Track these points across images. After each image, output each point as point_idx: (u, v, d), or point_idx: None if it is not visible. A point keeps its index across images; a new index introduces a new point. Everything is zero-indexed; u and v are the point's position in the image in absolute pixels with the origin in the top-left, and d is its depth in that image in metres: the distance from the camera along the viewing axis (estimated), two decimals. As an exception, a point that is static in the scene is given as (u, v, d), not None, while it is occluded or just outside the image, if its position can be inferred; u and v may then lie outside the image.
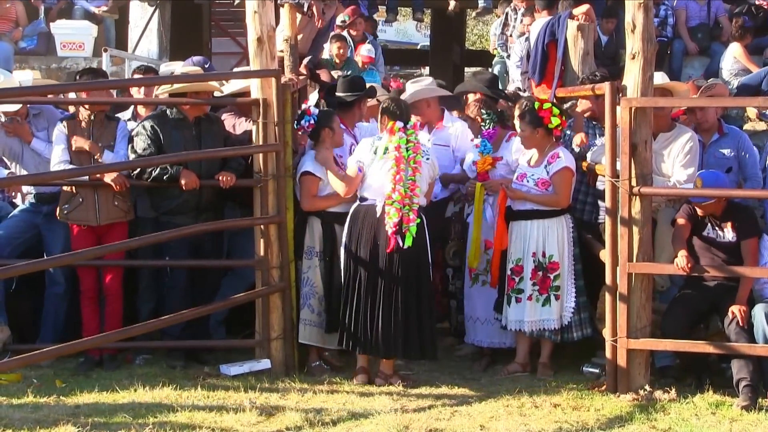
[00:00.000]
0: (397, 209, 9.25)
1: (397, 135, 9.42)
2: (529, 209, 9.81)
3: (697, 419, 8.46)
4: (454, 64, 25.22)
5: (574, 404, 8.85)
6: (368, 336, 9.40)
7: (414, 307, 9.38)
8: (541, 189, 9.74)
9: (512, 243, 9.88)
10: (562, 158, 9.76)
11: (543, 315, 9.79)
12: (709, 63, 16.38)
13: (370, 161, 9.50)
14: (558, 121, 9.72)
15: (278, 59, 10.14)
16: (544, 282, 9.76)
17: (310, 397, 9.02)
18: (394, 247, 9.27)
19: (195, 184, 9.67)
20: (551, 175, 9.73)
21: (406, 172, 9.32)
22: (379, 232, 9.37)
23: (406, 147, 9.37)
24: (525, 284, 9.81)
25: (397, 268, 9.35)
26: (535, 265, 9.77)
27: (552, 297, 9.77)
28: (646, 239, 9.09)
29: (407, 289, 9.38)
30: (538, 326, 9.82)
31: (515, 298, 9.85)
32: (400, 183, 9.28)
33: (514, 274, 9.86)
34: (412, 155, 9.36)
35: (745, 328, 8.89)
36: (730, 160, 9.93)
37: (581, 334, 9.93)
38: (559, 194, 9.75)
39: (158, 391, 9.01)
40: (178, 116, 9.96)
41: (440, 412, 8.62)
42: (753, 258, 9.10)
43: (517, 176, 9.95)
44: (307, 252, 9.86)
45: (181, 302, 9.73)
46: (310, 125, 9.85)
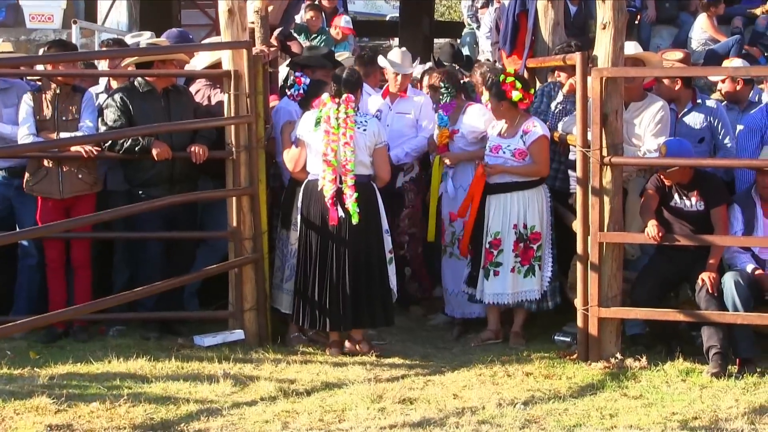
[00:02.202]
0: (330, 181, 9.20)
1: (327, 106, 9.34)
2: (508, 182, 9.83)
3: (667, 386, 8.54)
4: (423, 36, 25.11)
5: (546, 373, 8.92)
6: (320, 310, 9.40)
7: (364, 278, 9.38)
8: (519, 159, 9.77)
9: (491, 217, 9.92)
10: (538, 127, 9.81)
11: (525, 286, 9.87)
12: (677, 33, 16.46)
13: (308, 133, 9.45)
14: (520, 95, 9.71)
15: (249, 31, 10.11)
16: (527, 253, 9.83)
17: (284, 367, 9.05)
18: (336, 220, 9.22)
19: (167, 155, 9.64)
20: (528, 145, 9.75)
21: (337, 144, 9.22)
22: (323, 207, 9.32)
23: (336, 118, 9.26)
24: (505, 257, 9.85)
25: (346, 240, 9.31)
26: (517, 236, 9.82)
27: (535, 267, 9.84)
28: (617, 209, 9.14)
29: (356, 260, 9.34)
30: (520, 297, 9.89)
31: (493, 272, 9.88)
32: (331, 155, 9.20)
33: (492, 248, 9.89)
34: (343, 128, 9.23)
35: (715, 295, 8.96)
36: (702, 130, 9.95)
37: (554, 303, 10.03)
38: (539, 163, 9.79)
39: (132, 362, 9.00)
40: (147, 88, 9.93)
41: (413, 382, 8.68)
42: (723, 226, 9.17)
43: (490, 148, 9.97)
44: (294, 223, 9.79)
45: (155, 274, 9.71)
46: (299, 94, 9.89)
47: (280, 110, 10.30)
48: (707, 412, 7.88)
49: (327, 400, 8.12)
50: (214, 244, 10.48)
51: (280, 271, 9.97)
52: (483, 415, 7.77)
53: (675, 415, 7.81)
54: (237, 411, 7.85)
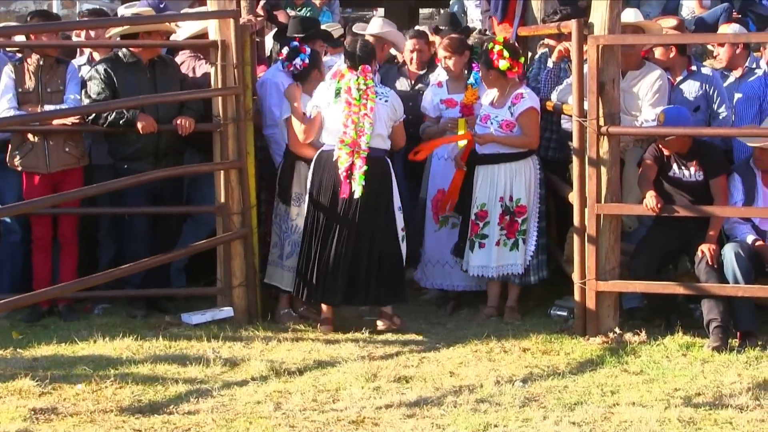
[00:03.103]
0: (348, 153, 9.04)
1: (346, 77, 9.20)
2: (495, 153, 9.61)
3: (668, 361, 8.39)
4: (409, 5, 25.01)
5: (544, 348, 8.74)
6: (327, 284, 9.21)
7: (371, 254, 9.21)
8: (505, 131, 9.55)
9: (477, 187, 9.71)
10: (527, 98, 9.58)
11: (509, 260, 9.67)
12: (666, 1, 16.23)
13: (326, 105, 9.27)
14: (507, 64, 9.46)
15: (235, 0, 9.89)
16: (512, 226, 9.62)
17: (275, 345, 8.85)
18: (347, 193, 9.06)
19: (152, 128, 9.41)
20: (516, 116, 9.53)
21: (358, 116, 9.07)
22: (335, 179, 9.15)
23: (357, 89, 9.12)
24: (491, 229, 9.65)
25: (354, 214, 9.14)
26: (503, 209, 9.62)
27: (520, 241, 9.64)
28: (614, 180, 8.95)
29: (365, 235, 9.19)
30: (504, 271, 9.70)
31: (479, 243, 9.69)
32: (351, 127, 9.05)
33: (478, 219, 9.69)
34: (364, 100, 9.09)
35: (715, 267, 8.78)
36: (698, 99, 9.71)
37: (538, 278, 9.87)
38: (529, 135, 9.58)
39: (119, 342, 8.80)
40: (132, 59, 9.68)
41: (408, 359, 8.50)
42: (723, 196, 8.99)
43: (480, 118, 9.76)
44: (295, 198, 9.59)
45: (141, 250, 9.49)
46: (304, 64, 9.62)
47: (266, 82, 10.07)
48: (710, 388, 7.72)
49: (320, 380, 7.94)
50: (201, 219, 10.24)
51: (277, 248, 9.73)
52: (481, 393, 7.59)
53: (677, 391, 7.65)
54: (228, 392, 7.66)
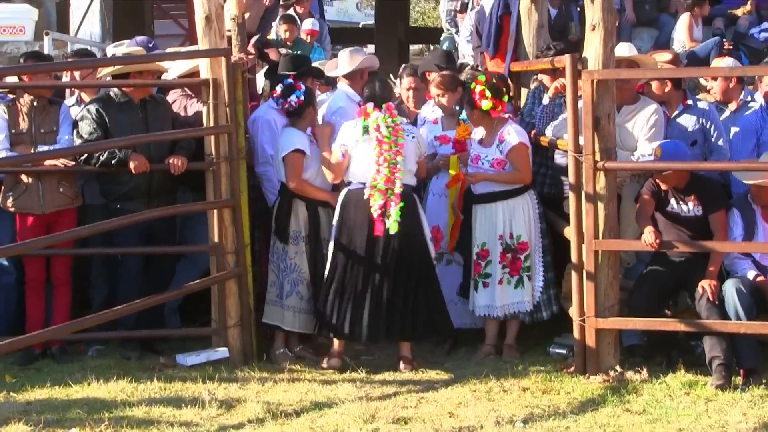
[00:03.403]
0: (381, 191, 9.06)
1: (373, 115, 9.23)
2: (491, 191, 9.53)
3: (671, 400, 8.27)
4: (399, 42, 25.10)
5: (544, 387, 8.62)
6: (369, 321, 9.17)
7: (410, 287, 9.21)
8: (497, 169, 9.48)
9: (476, 227, 9.63)
10: (513, 135, 9.47)
11: (515, 298, 9.58)
12: (657, 35, 16.28)
13: (354, 144, 9.28)
14: (490, 104, 9.38)
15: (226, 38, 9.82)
16: (515, 264, 9.53)
17: (271, 386, 8.73)
18: (382, 231, 9.06)
19: (145, 168, 9.33)
20: (506, 153, 9.45)
21: (390, 153, 9.11)
22: (368, 217, 9.14)
23: (386, 126, 9.16)
24: (493, 268, 9.56)
25: (391, 250, 9.15)
26: (504, 247, 9.53)
27: (524, 278, 9.55)
28: (611, 215, 8.86)
29: (402, 270, 9.19)
30: (511, 309, 9.61)
31: (482, 283, 9.60)
32: (384, 165, 9.09)
33: (480, 259, 9.60)
34: (393, 138, 9.15)
35: (716, 303, 8.69)
36: (694, 132, 9.66)
37: (550, 313, 9.75)
38: (521, 170, 9.48)
39: (113, 385, 8.68)
40: (123, 99, 9.61)
41: (406, 399, 8.37)
42: (723, 232, 8.90)
43: (471, 158, 9.68)
44: (293, 237, 9.53)
45: (134, 291, 9.39)
46: (299, 101, 9.56)
47: (258, 119, 10.03)
48: (715, 428, 7.63)
49: (317, 421, 7.82)
50: (195, 258, 10.16)
51: (275, 287, 9.62)
52: (481, 434, 7.48)
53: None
54: (224, 435, 7.54)
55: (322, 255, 9.50)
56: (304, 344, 9.80)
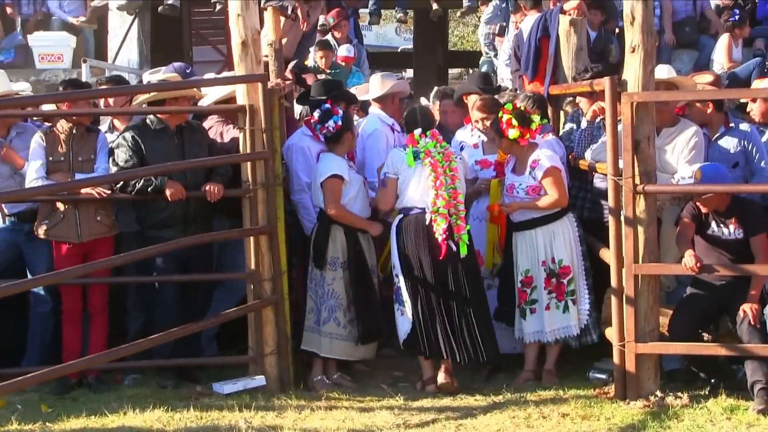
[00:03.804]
0: (443, 215, 9.14)
1: (422, 141, 9.34)
2: (530, 218, 9.47)
3: (712, 425, 8.16)
4: (437, 66, 25.08)
5: (583, 413, 8.51)
6: (445, 342, 9.28)
7: (467, 309, 9.31)
8: (533, 196, 9.43)
9: (519, 255, 9.57)
10: (544, 159, 9.41)
11: (564, 322, 9.50)
12: (698, 56, 16.12)
13: (404, 170, 9.36)
14: (517, 133, 9.36)
15: (263, 64, 9.81)
16: (559, 288, 9.45)
17: (308, 414, 8.65)
18: (446, 254, 9.16)
19: (181, 195, 9.31)
20: (539, 179, 9.39)
21: (447, 178, 9.20)
22: (431, 241, 9.21)
23: (437, 152, 9.28)
24: (539, 294, 9.50)
25: (459, 274, 9.25)
26: (547, 273, 9.46)
27: (569, 302, 9.47)
28: (651, 239, 8.76)
29: (469, 293, 9.29)
30: (560, 334, 9.53)
31: (530, 310, 9.53)
32: (442, 189, 9.17)
33: (525, 286, 9.54)
34: (446, 163, 9.25)
35: (757, 327, 8.56)
36: (736, 155, 9.53)
37: (597, 335, 9.62)
38: (555, 195, 9.40)
39: (149, 414, 8.63)
40: (159, 125, 9.61)
41: (444, 427, 8.29)
42: (764, 255, 8.75)
43: (506, 188, 9.63)
44: (330, 263, 9.52)
45: (170, 319, 9.36)
46: (337, 126, 9.54)
47: (292, 146, 10.01)
48: (757, 453, 7.49)
49: (355, 450, 7.75)
50: (231, 286, 10.10)
51: (313, 313, 9.59)
52: (520, 461, 7.39)
53: (724, 457, 7.43)
54: (261, 463, 7.49)
55: (363, 280, 9.49)
56: (342, 371, 9.73)
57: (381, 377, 9.83)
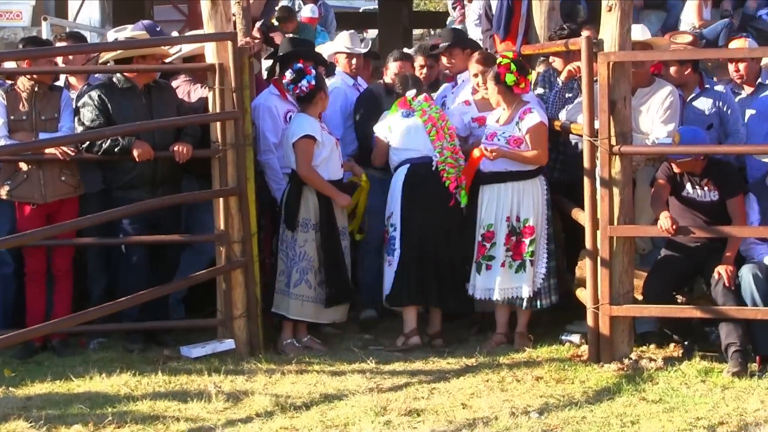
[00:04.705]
0: (451, 165, 9.44)
1: (415, 102, 9.55)
2: (502, 171, 9.31)
3: (687, 388, 8.10)
4: (402, 27, 24.90)
5: (557, 376, 8.44)
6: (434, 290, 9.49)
7: (454, 258, 9.57)
8: (513, 147, 9.26)
9: (483, 208, 9.41)
10: (535, 113, 9.29)
11: (515, 282, 9.35)
12: (666, 17, 16.02)
13: (395, 123, 9.62)
14: (513, 78, 9.21)
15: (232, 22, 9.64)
16: (518, 247, 9.31)
17: (278, 378, 8.54)
18: (455, 203, 9.46)
19: (149, 156, 9.12)
20: (525, 131, 9.24)
21: (444, 136, 9.43)
22: (439, 189, 9.45)
23: (433, 111, 9.52)
24: (497, 250, 9.35)
25: (452, 226, 9.52)
26: (509, 230, 9.32)
27: (527, 263, 9.33)
28: (627, 201, 8.67)
29: (459, 245, 9.52)
30: (510, 294, 9.38)
31: (485, 266, 9.39)
32: (446, 140, 9.43)
33: (485, 240, 9.40)
34: (443, 122, 9.45)
35: (732, 289, 8.51)
36: (711, 116, 9.45)
37: (549, 302, 9.51)
38: (538, 151, 9.27)
39: (116, 378, 8.49)
40: (127, 84, 9.39)
41: (417, 390, 8.19)
42: (741, 217, 8.70)
43: (486, 135, 9.45)
44: (302, 225, 9.37)
45: (138, 282, 9.18)
46: (310, 86, 9.35)
47: (259, 107, 9.87)
48: (733, 416, 7.45)
49: (328, 414, 7.64)
50: (200, 248, 9.91)
51: (284, 275, 9.44)
52: (496, 426, 7.30)
53: (700, 420, 7.38)
54: (232, 429, 7.36)
55: (335, 243, 9.37)
56: (312, 335, 9.61)
57: (351, 340, 9.72)
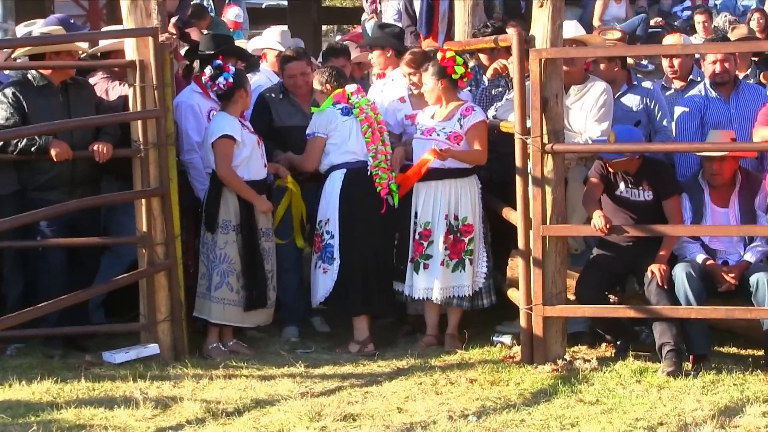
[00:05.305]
0: (384, 170, 9.25)
1: (353, 98, 9.30)
2: (441, 167, 9.14)
3: (623, 389, 8.03)
4: (312, 22, 24.74)
5: (492, 378, 8.32)
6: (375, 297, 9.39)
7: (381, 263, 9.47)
8: (453, 144, 9.12)
9: (420, 206, 9.27)
10: (478, 111, 9.21)
11: (454, 281, 9.22)
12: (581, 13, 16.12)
13: (340, 126, 9.28)
14: (462, 70, 9.12)
15: (150, 18, 9.37)
16: (456, 246, 9.18)
17: (207, 384, 8.31)
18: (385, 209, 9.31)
19: (67, 155, 8.82)
20: (467, 129, 9.11)
21: (379, 139, 9.32)
22: (374, 195, 9.30)
23: (369, 107, 9.32)
24: (435, 249, 9.20)
25: (385, 230, 9.38)
26: (447, 228, 9.18)
27: (466, 261, 9.20)
28: (559, 200, 8.57)
29: (387, 247, 9.45)
30: (449, 293, 9.24)
31: (423, 264, 9.24)
32: (378, 143, 9.28)
33: (422, 239, 9.25)
34: (375, 115, 9.30)
35: (665, 288, 8.45)
36: (638, 113, 9.42)
37: (490, 301, 9.41)
38: (481, 150, 9.16)
39: (37, 386, 8.19)
40: (42, 82, 9.08)
41: (350, 395, 8.01)
42: (677, 217, 8.67)
43: (422, 132, 9.30)
44: (222, 226, 9.12)
45: (57, 286, 8.87)
46: (228, 83, 9.09)
47: (181, 104, 9.58)
48: (672, 417, 7.38)
49: (261, 420, 7.43)
50: (120, 251, 9.65)
51: (205, 279, 9.20)
52: (435, 430, 7.17)
53: (639, 422, 7.30)
54: (163, 438, 7.12)
55: (256, 245, 9.14)
56: (237, 338, 9.40)
57: (278, 344, 9.53)
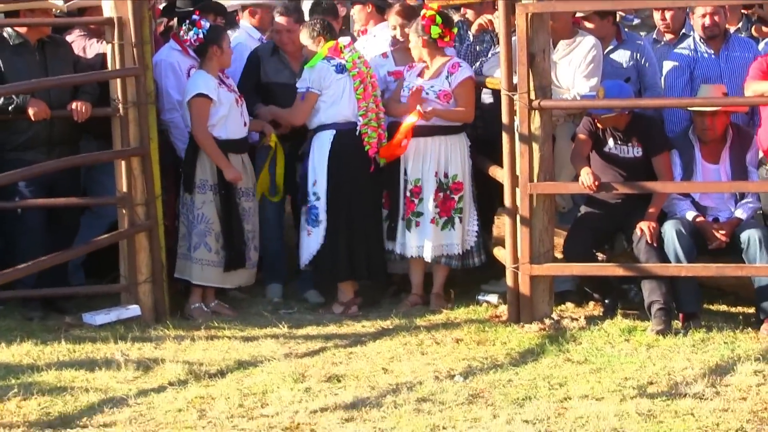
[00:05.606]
0: (373, 128, 9.01)
1: (347, 52, 9.06)
2: (430, 125, 8.99)
3: (611, 348, 7.94)
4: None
5: (478, 338, 8.22)
6: (356, 260, 9.19)
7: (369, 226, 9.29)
8: (443, 102, 8.98)
9: (410, 162, 9.13)
10: (464, 67, 9.06)
11: (445, 239, 9.10)
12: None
13: (334, 84, 9.01)
14: (438, 31, 8.92)
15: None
16: (446, 204, 9.06)
17: (189, 345, 8.20)
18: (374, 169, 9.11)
19: (45, 114, 8.67)
20: (454, 86, 8.97)
21: (370, 95, 9.06)
22: (363, 156, 9.09)
23: (361, 61, 9.08)
24: (425, 206, 9.08)
25: (371, 191, 9.20)
26: (437, 185, 9.06)
27: (456, 219, 9.08)
28: (547, 157, 8.44)
29: (373, 209, 9.28)
30: (441, 251, 9.12)
31: (415, 222, 9.12)
32: (370, 100, 9.04)
33: (413, 196, 9.12)
34: (367, 69, 9.07)
35: (655, 246, 8.34)
36: (628, 69, 9.22)
37: (480, 260, 9.30)
38: (467, 107, 9.03)
39: (17, 348, 8.08)
40: (18, 40, 8.91)
41: (335, 356, 7.91)
42: (667, 174, 8.54)
43: (410, 89, 9.12)
44: (199, 186, 8.98)
45: (35, 247, 8.75)
46: (199, 39, 8.93)
47: (161, 63, 9.40)
48: (662, 376, 7.28)
49: (244, 382, 7.32)
50: (100, 211, 9.52)
51: (185, 240, 9.08)
52: (421, 391, 7.04)
53: (628, 381, 7.19)
54: (145, 399, 7.00)
55: (234, 205, 9.03)
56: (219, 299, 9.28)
57: (261, 304, 9.42)
